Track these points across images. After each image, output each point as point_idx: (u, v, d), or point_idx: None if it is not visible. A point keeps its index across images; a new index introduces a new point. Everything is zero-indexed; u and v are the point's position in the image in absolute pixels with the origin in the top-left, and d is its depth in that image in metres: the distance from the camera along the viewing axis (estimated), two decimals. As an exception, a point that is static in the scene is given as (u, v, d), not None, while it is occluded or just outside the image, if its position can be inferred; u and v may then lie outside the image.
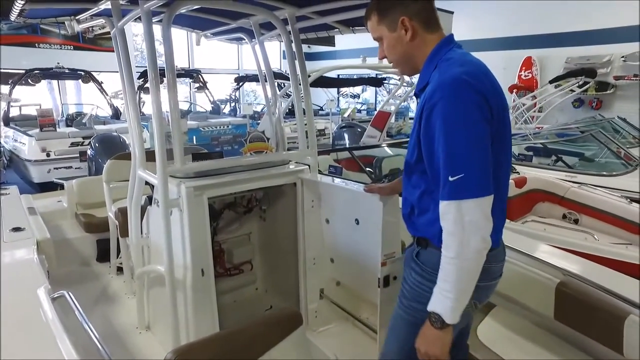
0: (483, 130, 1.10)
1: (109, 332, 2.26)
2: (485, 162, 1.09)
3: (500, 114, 1.16)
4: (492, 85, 1.17)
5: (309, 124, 2.16)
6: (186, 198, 1.71)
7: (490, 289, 1.33)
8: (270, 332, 1.21)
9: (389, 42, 1.29)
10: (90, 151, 4.78)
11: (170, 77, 1.69)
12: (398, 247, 1.73)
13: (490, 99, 1.12)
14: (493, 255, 1.25)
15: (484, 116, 1.10)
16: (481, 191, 1.07)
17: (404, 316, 1.34)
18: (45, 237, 2.08)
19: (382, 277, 1.66)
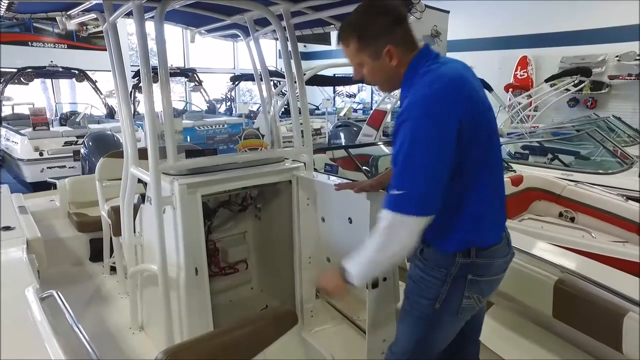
0: (440, 154, 1.14)
1: (101, 332, 2.23)
2: (433, 185, 1.15)
3: (480, 117, 1.20)
4: (467, 95, 1.18)
5: (304, 122, 2.13)
6: (179, 195, 1.67)
7: (493, 284, 1.34)
8: (265, 331, 1.19)
9: (372, 69, 1.29)
10: (83, 150, 4.72)
11: (162, 73, 1.66)
12: None
13: (462, 111, 1.15)
14: (494, 251, 1.29)
15: (446, 136, 1.13)
16: (417, 211, 1.14)
17: (410, 311, 1.38)
18: (35, 236, 2.04)
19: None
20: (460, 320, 1.36)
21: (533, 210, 3.80)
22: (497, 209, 1.31)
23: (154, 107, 1.66)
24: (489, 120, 1.25)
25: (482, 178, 1.25)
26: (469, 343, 1.50)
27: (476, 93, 1.22)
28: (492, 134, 1.26)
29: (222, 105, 10.30)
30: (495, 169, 1.29)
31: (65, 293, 1.54)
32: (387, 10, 1.23)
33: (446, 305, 1.30)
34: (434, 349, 1.40)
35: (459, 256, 1.27)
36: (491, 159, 1.26)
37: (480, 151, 1.21)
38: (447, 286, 1.29)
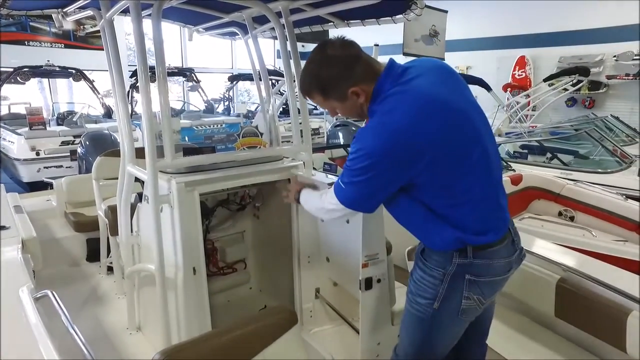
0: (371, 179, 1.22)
1: (98, 333, 2.20)
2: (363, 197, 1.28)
3: (452, 133, 1.20)
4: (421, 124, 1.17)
5: (303, 120, 2.11)
6: (177, 194, 1.65)
7: (494, 285, 1.32)
8: (264, 332, 1.17)
9: (344, 110, 1.36)
10: (80, 149, 4.68)
11: (160, 71, 1.63)
12: (382, 248, 1.67)
13: (416, 139, 1.17)
14: (494, 252, 1.28)
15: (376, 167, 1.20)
16: (349, 206, 1.31)
17: (411, 311, 1.37)
18: (31, 236, 2.02)
19: (364, 279, 1.61)
20: (462, 322, 1.34)
21: (532, 210, 3.79)
22: (489, 215, 1.29)
23: (151, 104, 1.64)
24: (468, 129, 1.23)
25: (471, 184, 1.24)
26: (474, 346, 1.48)
27: (444, 110, 1.20)
28: (476, 140, 1.24)
29: (220, 105, 10.27)
30: (486, 172, 1.27)
31: (61, 293, 1.52)
32: (339, 59, 1.26)
33: (445, 305, 1.29)
34: (437, 351, 1.38)
35: (455, 256, 1.26)
36: (480, 163, 1.25)
37: (462, 162, 1.21)
38: (445, 285, 1.28)
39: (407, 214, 1.34)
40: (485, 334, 1.50)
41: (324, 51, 1.28)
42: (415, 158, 1.17)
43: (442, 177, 1.21)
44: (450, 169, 1.21)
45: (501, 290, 1.82)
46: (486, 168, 1.28)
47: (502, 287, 1.35)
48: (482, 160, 1.26)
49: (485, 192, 1.28)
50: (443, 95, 1.22)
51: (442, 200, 1.26)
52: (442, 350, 1.38)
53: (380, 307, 1.69)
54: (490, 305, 1.43)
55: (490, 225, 1.29)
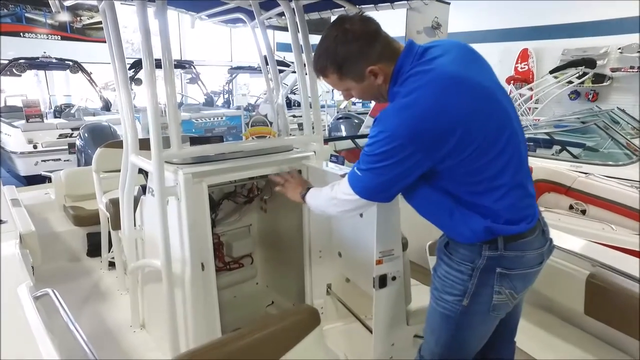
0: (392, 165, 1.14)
1: (101, 331, 2.12)
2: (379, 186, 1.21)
3: (479, 116, 1.12)
4: (447, 104, 1.09)
5: (314, 108, 2.02)
6: (184, 185, 1.56)
7: (527, 279, 1.24)
8: (286, 334, 1.08)
9: (360, 91, 1.28)
10: (79, 142, 4.58)
11: (166, 57, 1.53)
12: (397, 243, 1.58)
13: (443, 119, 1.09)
14: (524, 243, 1.20)
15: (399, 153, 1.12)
16: (365, 196, 1.24)
17: (437, 308, 1.28)
18: (29, 230, 1.92)
19: (377, 276, 1.52)
20: (493, 319, 1.26)
21: (542, 203, 3.71)
22: (518, 206, 1.20)
23: (156, 91, 1.53)
24: (496, 110, 1.15)
25: (501, 169, 1.15)
26: (503, 344, 1.40)
27: (471, 89, 1.12)
28: (505, 121, 1.16)
29: (220, 98, 10.14)
30: (516, 156, 1.18)
31: (61, 290, 1.43)
32: (358, 35, 1.17)
33: (475, 301, 1.21)
34: (467, 350, 1.30)
35: (485, 248, 1.18)
36: (510, 147, 1.16)
37: (492, 145, 1.13)
38: (474, 280, 1.20)
39: (430, 204, 1.26)
40: (514, 331, 1.42)
41: (342, 26, 1.18)
42: (442, 139, 1.09)
43: (469, 161, 1.12)
44: (478, 152, 1.12)
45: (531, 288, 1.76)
46: (516, 152, 1.19)
47: (534, 281, 1.27)
48: (512, 143, 1.17)
49: (515, 178, 1.19)
50: (468, 73, 1.14)
51: (469, 187, 1.17)
52: (472, 349, 1.31)
53: (395, 307, 1.60)
54: (519, 301, 1.34)
55: (522, 213, 1.20)
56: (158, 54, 1.53)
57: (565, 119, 6.33)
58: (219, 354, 0.96)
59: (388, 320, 1.59)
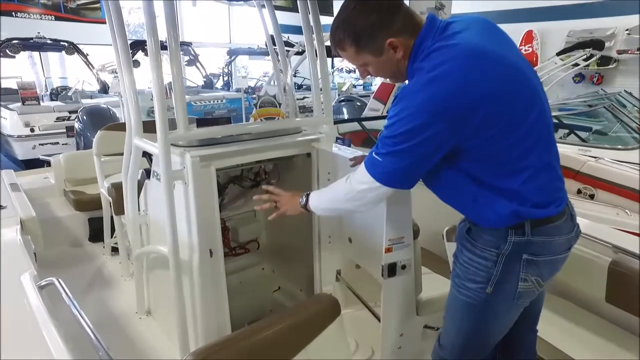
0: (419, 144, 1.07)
1: (106, 318, 2.09)
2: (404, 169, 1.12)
3: (504, 87, 1.05)
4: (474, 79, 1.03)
5: (324, 89, 1.93)
6: (192, 169, 1.49)
7: (554, 265, 1.19)
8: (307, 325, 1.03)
9: (378, 66, 1.20)
10: (77, 125, 4.48)
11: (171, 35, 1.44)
12: (408, 230, 1.52)
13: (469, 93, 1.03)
14: (552, 228, 1.14)
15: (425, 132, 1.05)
16: (386, 182, 1.15)
17: (459, 297, 1.23)
18: (30, 216, 1.86)
19: (387, 264, 1.46)
20: (518, 307, 1.21)
21: (550, 187, 3.66)
22: (548, 188, 1.15)
23: (161, 73, 1.45)
24: (524, 85, 1.09)
25: (529, 148, 1.09)
26: (524, 332, 1.35)
27: (497, 63, 1.06)
28: (533, 98, 1.10)
29: (220, 80, 9.97)
30: (545, 135, 1.13)
31: (64, 276, 1.37)
32: (378, 6, 1.11)
33: (500, 289, 1.16)
34: (489, 339, 1.26)
35: (511, 234, 1.12)
36: (538, 125, 1.11)
37: (520, 122, 1.07)
38: (499, 267, 1.14)
39: (452, 188, 1.20)
40: (536, 320, 1.38)
41: None
42: (469, 114, 1.02)
43: (496, 139, 1.06)
44: (505, 129, 1.06)
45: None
46: (545, 132, 1.13)
47: (561, 268, 1.22)
48: (540, 122, 1.12)
49: (543, 158, 1.13)
50: (494, 48, 1.08)
51: (494, 168, 1.11)
52: (494, 339, 1.26)
53: (404, 296, 1.55)
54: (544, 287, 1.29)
55: (551, 196, 1.14)
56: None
57: (569, 103, 6.23)
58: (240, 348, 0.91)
59: (397, 309, 1.55)
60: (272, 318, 1.05)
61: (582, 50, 5.89)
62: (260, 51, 9.37)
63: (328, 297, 1.16)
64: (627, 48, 8.45)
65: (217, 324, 1.69)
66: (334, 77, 12.03)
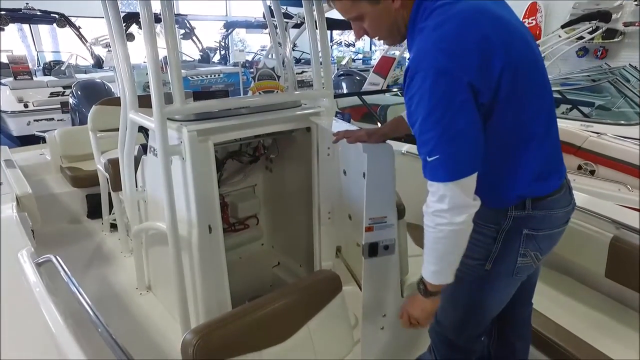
0: (461, 110, 0.96)
1: (107, 294, 2.10)
2: (460, 143, 0.98)
3: (516, 54, 1.00)
4: (484, 32, 0.96)
5: (324, 61, 1.87)
6: (189, 144, 1.46)
7: (552, 239, 1.17)
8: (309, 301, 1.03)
9: (374, 17, 1.09)
10: (72, 100, 4.39)
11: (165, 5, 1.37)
12: (391, 210, 1.44)
13: (483, 38, 0.95)
14: (553, 201, 1.12)
15: (462, 91, 0.95)
16: (456, 174, 0.98)
17: (457, 273, 1.17)
18: (26, 192, 1.84)
19: (367, 244, 1.38)
20: (516, 282, 1.21)
21: (550, 163, 3.64)
22: (553, 156, 1.14)
23: (156, 45, 1.39)
24: (528, 48, 1.05)
25: (536, 127, 1.07)
26: (521, 306, 1.36)
27: (504, 24, 1.01)
28: (536, 62, 1.06)
29: (217, 54, 9.76)
30: (546, 105, 1.09)
31: (63, 253, 1.37)
32: None
33: (499, 265, 1.14)
34: (487, 315, 1.25)
35: (511, 209, 1.10)
36: (544, 102, 1.08)
37: (527, 97, 1.03)
38: (498, 243, 1.13)
39: None
40: (531, 293, 1.38)
41: None
42: (489, 56, 0.95)
43: (513, 101, 1.01)
44: (521, 88, 1.00)
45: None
46: (548, 99, 1.10)
47: (559, 241, 1.20)
48: (544, 89, 1.09)
49: (549, 126, 1.11)
50: (499, 12, 1.03)
51: (504, 138, 1.05)
52: (492, 314, 1.26)
53: (387, 277, 1.49)
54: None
55: (554, 166, 1.13)
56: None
57: (572, 77, 6.13)
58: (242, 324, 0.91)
59: (379, 290, 1.48)
60: (274, 294, 1.04)
61: (588, 23, 5.74)
62: (258, 24, 9.13)
63: (329, 273, 1.15)
64: (635, 20, 8.22)
65: (217, 300, 1.69)
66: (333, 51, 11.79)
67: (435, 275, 1.09)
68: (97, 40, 7.74)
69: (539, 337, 1.40)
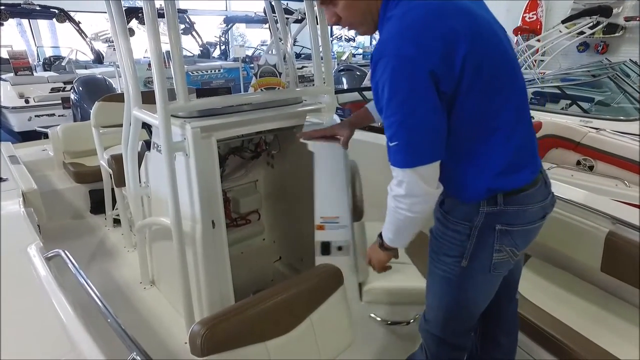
0: (423, 98, 0.96)
1: (111, 288, 2.13)
2: (422, 133, 0.99)
3: (484, 45, 0.99)
4: (450, 22, 0.96)
5: (325, 57, 1.89)
6: (193, 140, 1.48)
7: (528, 234, 1.16)
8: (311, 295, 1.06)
9: (347, 4, 1.09)
10: (74, 96, 4.40)
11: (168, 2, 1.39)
12: (343, 211, 1.43)
13: (445, 49, 0.95)
14: (527, 196, 1.10)
15: (424, 79, 0.95)
16: (413, 161, 1.00)
17: (436, 271, 1.22)
18: (31, 188, 1.86)
19: (320, 242, 1.39)
20: (496, 277, 1.20)
21: (549, 159, 3.66)
22: (524, 149, 1.11)
23: (159, 41, 1.41)
24: (497, 40, 1.04)
25: (503, 118, 1.05)
26: (505, 302, 1.35)
27: (472, 14, 1.00)
28: (506, 64, 1.05)
29: (216, 49, 9.74)
30: (516, 97, 1.08)
31: (67, 248, 1.39)
32: None
33: (475, 261, 1.13)
34: (472, 311, 1.25)
35: (483, 204, 1.09)
36: (513, 94, 1.06)
37: (493, 87, 1.02)
38: (472, 240, 1.12)
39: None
40: (515, 288, 1.38)
41: None
42: (452, 45, 0.95)
43: (478, 91, 1.00)
44: (486, 79, 0.99)
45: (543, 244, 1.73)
46: (519, 92, 1.09)
47: (536, 236, 1.20)
48: (515, 79, 1.07)
49: (519, 117, 1.09)
50: (467, 4, 1.03)
51: (474, 129, 1.04)
52: (477, 309, 1.26)
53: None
54: (520, 256, 1.27)
55: (525, 160, 1.11)
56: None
57: (572, 72, 6.13)
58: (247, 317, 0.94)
59: None
60: (277, 287, 1.07)
61: (589, 18, 5.73)
62: (258, 19, 9.12)
63: (331, 267, 1.18)
64: (636, 15, 8.20)
65: (220, 294, 1.72)
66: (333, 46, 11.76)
67: (392, 241, 1.19)
68: (97, 35, 7.71)
69: (535, 329, 1.43)
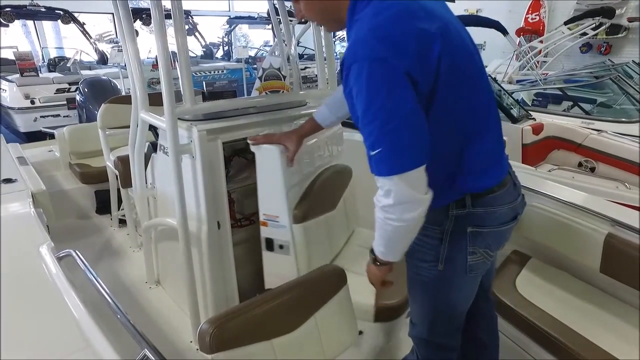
0: (402, 98, 0.92)
1: (117, 288, 2.16)
2: (401, 135, 0.93)
3: (448, 51, 0.95)
4: (420, 23, 0.93)
5: (328, 59, 1.92)
6: (199, 143, 1.51)
7: (501, 236, 1.16)
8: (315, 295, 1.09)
9: (306, 1, 1.09)
10: (79, 97, 4.44)
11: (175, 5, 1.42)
12: (282, 212, 1.47)
13: (418, 48, 0.92)
14: (495, 198, 1.10)
15: (400, 79, 0.91)
16: (399, 167, 0.94)
17: (414, 277, 1.23)
18: (40, 189, 1.90)
19: (264, 238, 1.46)
20: (473, 279, 1.20)
21: (551, 160, 3.68)
22: (491, 150, 1.11)
23: (167, 43, 1.44)
24: (464, 42, 1.03)
25: (471, 119, 1.05)
26: (481, 301, 1.35)
27: (438, 17, 0.98)
28: (473, 65, 1.04)
29: (219, 50, 9.79)
30: (481, 103, 1.08)
31: (74, 248, 1.43)
32: None
33: (450, 265, 1.13)
34: (455, 312, 1.26)
35: (452, 207, 1.08)
36: (481, 94, 1.07)
37: (464, 88, 1.01)
38: (445, 244, 1.12)
39: None
40: (488, 288, 1.38)
41: None
42: (426, 44, 0.92)
43: (454, 86, 0.98)
44: (459, 80, 0.98)
45: (543, 244, 1.76)
46: (485, 92, 1.09)
47: (510, 237, 1.20)
48: (480, 81, 1.06)
49: (491, 125, 1.09)
50: (435, 7, 1.01)
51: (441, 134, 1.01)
52: (461, 309, 1.27)
53: (286, 277, 1.42)
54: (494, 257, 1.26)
55: (492, 162, 1.10)
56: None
57: (575, 73, 6.13)
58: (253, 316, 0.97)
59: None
60: (283, 287, 1.10)
61: (592, 19, 5.73)
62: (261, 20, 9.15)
63: (335, 267, 1.21)
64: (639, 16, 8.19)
65: (225, 293, 1.75)
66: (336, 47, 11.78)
67: (385, 255, 1.11)
68: (101, 36, 7.78)
69: (535, 329, 1.45)
